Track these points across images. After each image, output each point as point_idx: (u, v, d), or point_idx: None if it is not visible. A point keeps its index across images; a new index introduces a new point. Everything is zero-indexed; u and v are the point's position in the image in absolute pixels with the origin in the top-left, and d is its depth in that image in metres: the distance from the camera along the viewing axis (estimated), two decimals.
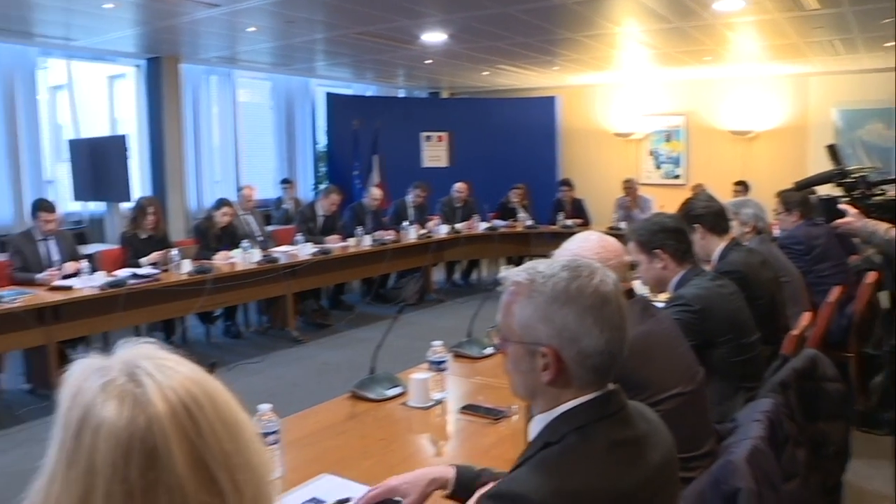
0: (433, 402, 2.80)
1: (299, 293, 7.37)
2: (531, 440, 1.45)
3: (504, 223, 9.68)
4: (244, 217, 7.74)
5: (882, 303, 4.77)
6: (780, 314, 3.47)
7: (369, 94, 12.98)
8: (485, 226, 9.49)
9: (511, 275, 1.47)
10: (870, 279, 4.49)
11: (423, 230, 8.83)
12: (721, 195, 4.01)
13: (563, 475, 1.31)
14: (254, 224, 7.85)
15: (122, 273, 6.02)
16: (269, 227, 8.46)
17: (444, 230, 9.03)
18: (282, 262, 6.92)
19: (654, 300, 2.74)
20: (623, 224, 8.77)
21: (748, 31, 7.77)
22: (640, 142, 12.33)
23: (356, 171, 10.96)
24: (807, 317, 3.29)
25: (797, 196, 5.00)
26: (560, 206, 9.86)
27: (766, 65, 10.02)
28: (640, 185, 10.36)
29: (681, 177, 11.88)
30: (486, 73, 11.31)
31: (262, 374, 6.20)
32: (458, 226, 9.30)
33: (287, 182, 10.39)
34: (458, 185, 9.78)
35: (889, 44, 8.02)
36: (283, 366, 6.44)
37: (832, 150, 4.47)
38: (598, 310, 1.38)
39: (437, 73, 11.37)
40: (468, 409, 2.72)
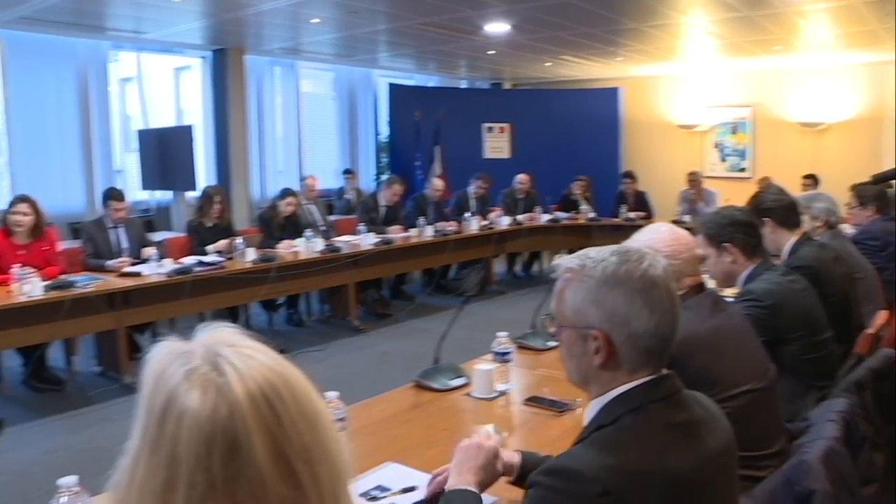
0: (497, 393, 2.79)
1: (361, 283, 7.43)
2: (586, 424, 1.47)
3: (566, 215, 9.60)
4: (307, 206, 7.81)
5: None
6: (854, 312, 3.37)
7: (431, 84, 13.01)
8: (547, 217, 9.43)
9: (563, 261, 1.50)
10: None
11: (485, 221, 8.80)
12: (789, 189, 3.91)
13: (616, 453, 1.32)
14: (317, 213, 7.92)
15: (189, 260, 6.13)
16: (331, 217, 8.54)
17: (505, 221, 8.99)
18: (344, 251, 6.97)
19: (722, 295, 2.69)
20: (687, 217, 8.64)
21: (822, 18, 7.53)
22: (704, 134, 12.11)
23: (418, 162, 11.01)
24: (882, 315, 3.20)
25: (873, 190, 4.87)
26: (623, 199, 9.74)
27: (841, 53, 9.71)
28: (705, 177, 10.15)
29: (746, 170, 11.65)
30: (549, 64, 11.23)
31: (324, 362, 6.26)
32: (519, 217, 9.25)
33: (349, 172, 10.48)
34: (521, 177, 9.73)
35: None
36: (345, 354, 6.50)
37: None
38: (646, 292, 1.39)
39: (500, 63, 11.33)
40: (532, 401, 2.70)
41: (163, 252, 6.15)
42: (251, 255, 6.40)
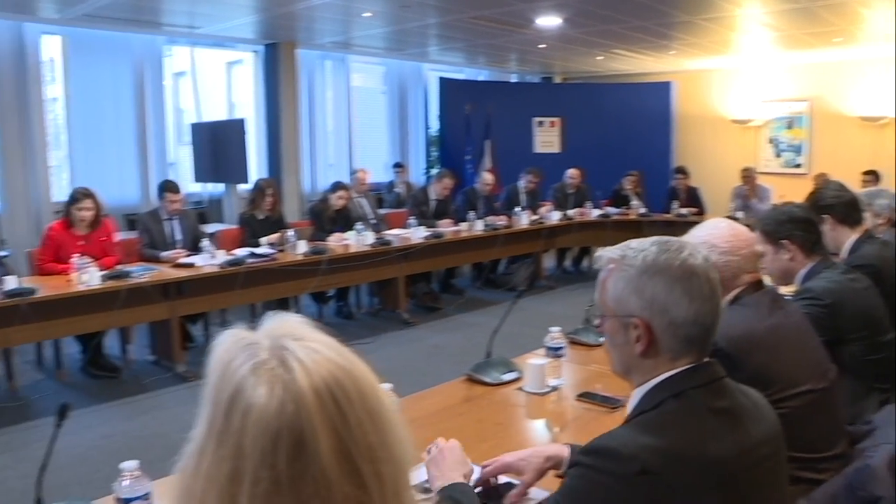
0: (549, 388, 2.77)
1: (410, 276, 7.45)
2: (629, 413, 1.48)
3: (617, 210, 9.52)
4: (358, 200, 7.85)
5: None
6: None
7: (481, 78, 12.97)
8: (597, 213, 9.35)
9: (605, 252, 1.54)
10: None
11: (535, 216, 8.76)
12: (848, 185, 3.80)
13: (656, 434, 1.34)
14: (367, 207, 7.96)
15: (241, 252, 6.21)
16: (381, 211, 8.57)
17: (556, 216, 8.93)
18: (395, 244, 7.00)
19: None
20: (740, 214, 8.48)
21: (887, 7, 7.29)
22: (759, 129, 11.89)
23: (468, 156, 11.01)
24: None
25: None
26: (674, 195, 9.61)
27: None
28: (759, 173, 9.96)
29: (802, 165, 11.41)
30: (601, 58, 11.13)
31: (373, 354, 6.21)
32: (570, 212, 9.19)
33: (399, 166, 10.52)
34: (571, 172, 9.67)
35: None
36: (394, 347, 6.53)
37: None
38: (686, 281, 1.41)
39: (551, 57, 11.26)
40: (585, 397, 2.68)
41: (215, 244, 6.24)
42: (302, 247, 6.46)
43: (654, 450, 1.31)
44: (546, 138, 12.05)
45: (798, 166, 11.46)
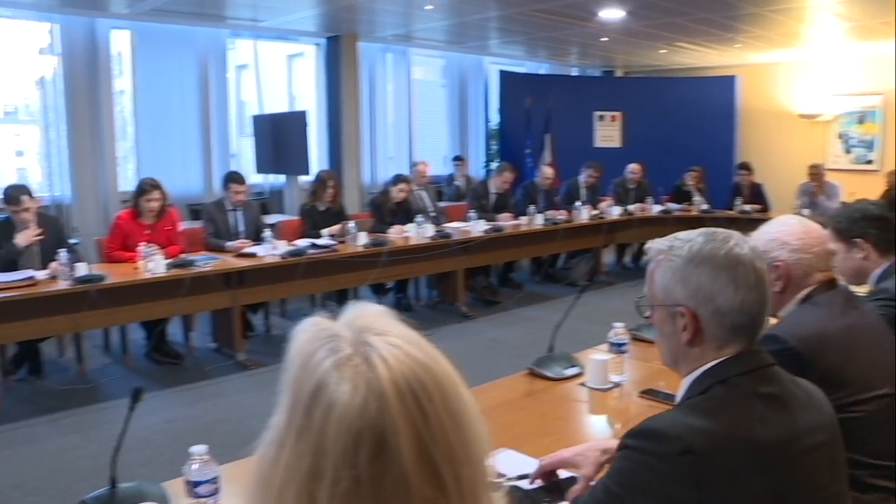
0: (611, 384, 2.75)
1: (469, 269, 7.45)
2: (677, 401, 1.51)
3: (678, 206, 9.37)
4: (418, 193, 7.87)
5: None
6: None
7: (542, 72, 12.89)
8: (658, 208, 9.23)
9: (654, 244, 1.56)
10: None
11: (595, 211, 8.68)
12: None
13: (700, 415, 1.36)
14: (427, 200, 7.97)
15: (302, 243, 6.28)
16: (441, 204, 8.58)
17: (616, 211, 8.83)
18: (454, 237, 7.01)
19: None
20: (806, 211, 8.28)
21: None
22: (827, 124, 11.55)
23: (528, 150, 10.95)
24: None
25: None
26: (738, 191, 9.43)
27: None
28: (827, 170, 9.70)
29: (874, 162, 11.05)
30: (663, 52, 10.95)
31: None
32: (630, 207, 9.08)
33: (459, 159, 10.51)
34: (632, 166, 9.56)
35: None
36: (452, 340, 6.51)
37: None
38: (731, 269, 1.42)
39: (612, 50, 11.12)
40: (647, 394, 2.64)
41: (276, 234, 6.31)
42: (363, 239, 6.49)
43: (699, 430, 1.32)
44: (607, 132, 11.93)
45: (869, 163, 11.12)
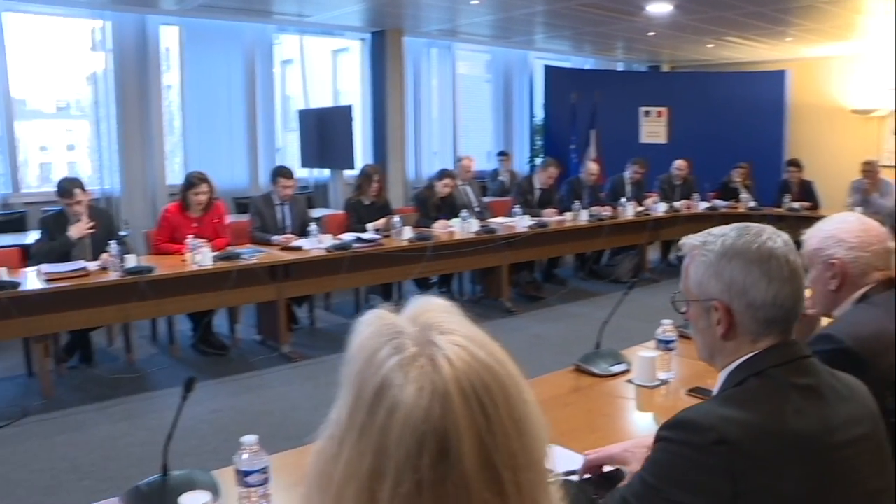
0: (659, 381, 2.70)
1: (514, 265, 7.41)
2: (714, 394, 1.50)
3: (725, 203, 9.22)
4: (462, 187, 7.85)
5: None
6: None
7: (587, 67, 12.79)
8: (704, 205, 9.10)
9: (688, 240, 1.56)
10: None
11: (641, 207, 8.59)
12: None
13: (735, 406, 1.36)
14: (471, 194, 7.95)
15: (348, 237, 6.30)
16: (485, 199, 8.56)
17: (661, 208, 8.73)
18: (499, 233, 6.97)
19: None
20: (858, 209, 8.10)
21: None
22: (882, 119, 11.28)
23: (573, 146, 10.88)
24: None
25: None
26: (786, 188, 9.25)
27: None
28: (881, 167, 9.47)
29: None
30: (711, 46, 10.80)
31: None
32: (676, 204, 8.96)
33: (503, 154, 10.49)
34: (679, 163, 9.43)
35: None
36: (496, 335, 6.37)
37: None
38: (764, 263, 1.42)
39: (659, 45, 11.00)
40: (695, 392, 2.59)
41: (322, 228, 6.34)
42: (408, 233, 6.50)
43: (733, 420, 1.32)
44: (652, 128, 11.79)
45: None
